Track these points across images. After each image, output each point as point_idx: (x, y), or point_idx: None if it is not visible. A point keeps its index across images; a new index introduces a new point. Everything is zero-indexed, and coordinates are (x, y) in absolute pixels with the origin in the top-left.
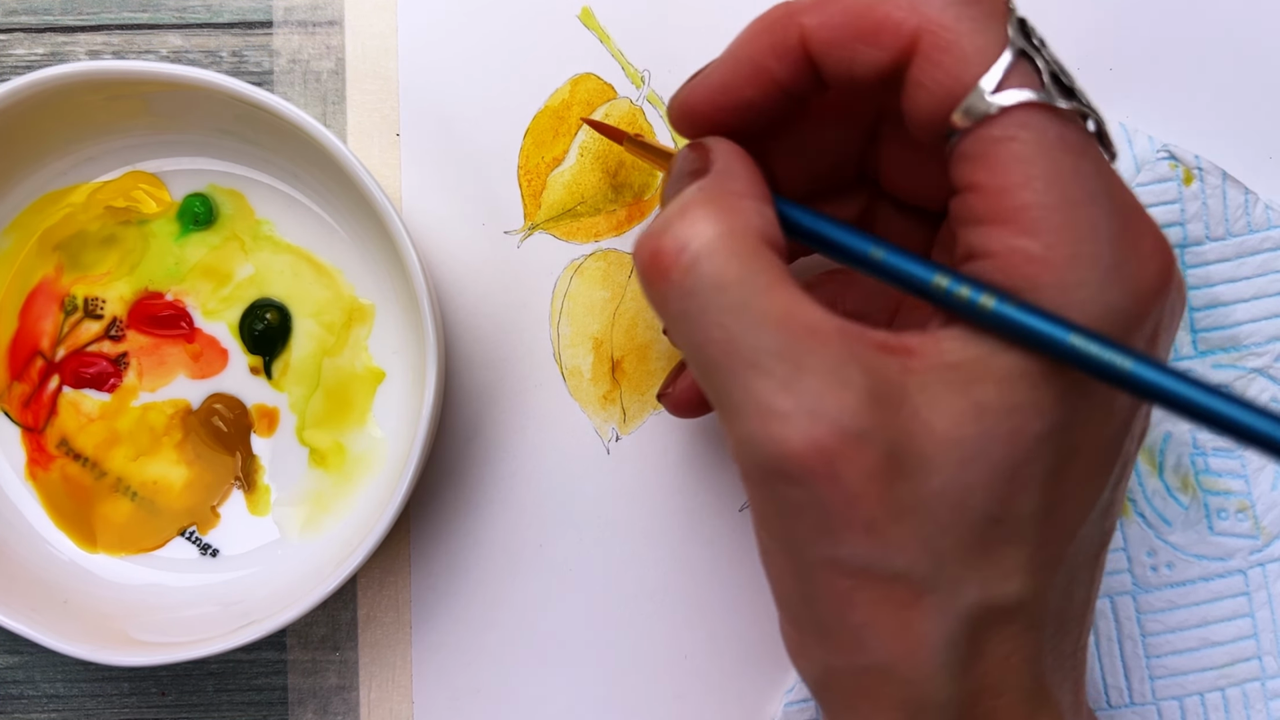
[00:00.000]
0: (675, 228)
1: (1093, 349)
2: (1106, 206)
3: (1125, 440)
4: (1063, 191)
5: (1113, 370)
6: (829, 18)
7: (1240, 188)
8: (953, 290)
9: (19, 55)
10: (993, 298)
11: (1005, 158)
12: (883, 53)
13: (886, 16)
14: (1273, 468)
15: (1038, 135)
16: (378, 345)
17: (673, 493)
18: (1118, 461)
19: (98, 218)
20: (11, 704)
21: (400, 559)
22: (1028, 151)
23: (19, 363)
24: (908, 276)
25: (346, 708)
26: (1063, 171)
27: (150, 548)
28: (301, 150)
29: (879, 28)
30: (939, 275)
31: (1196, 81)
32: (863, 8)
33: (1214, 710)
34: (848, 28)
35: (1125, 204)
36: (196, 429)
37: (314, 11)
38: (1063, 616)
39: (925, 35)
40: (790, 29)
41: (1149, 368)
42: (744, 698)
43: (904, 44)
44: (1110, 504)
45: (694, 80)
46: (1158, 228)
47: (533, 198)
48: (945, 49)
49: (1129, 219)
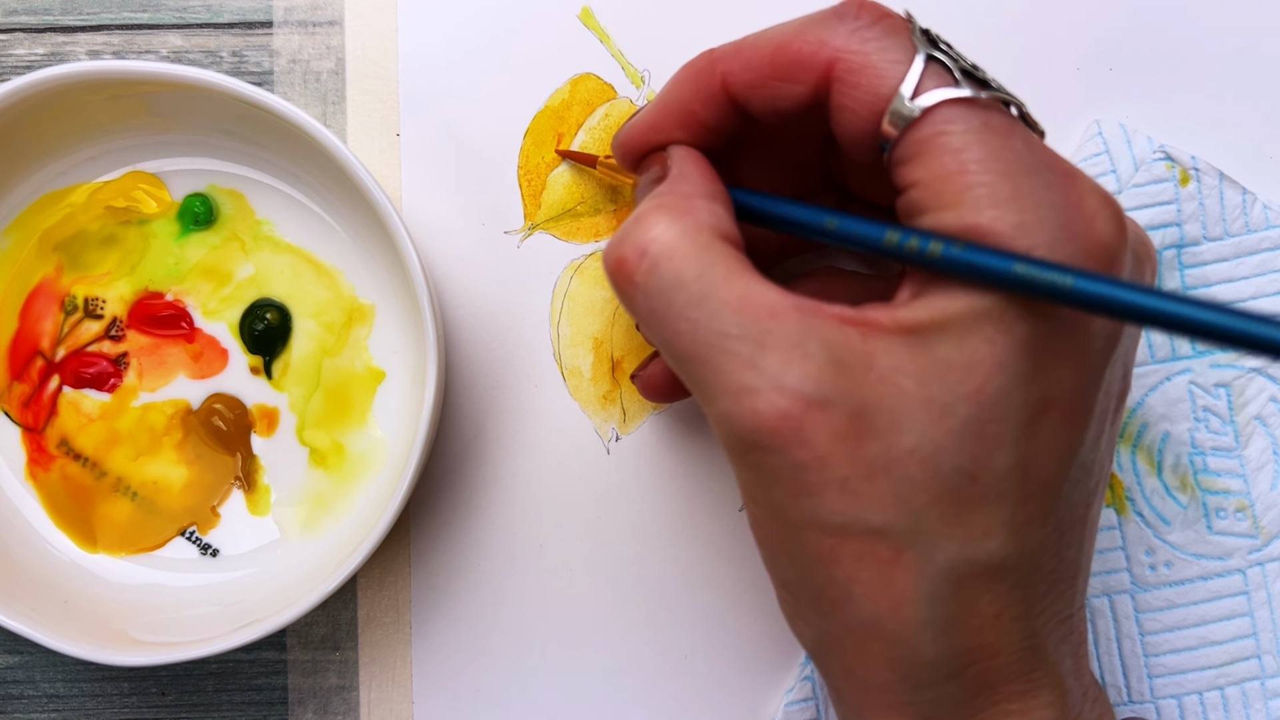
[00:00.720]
0: (634, 235)
1: (1035, 272)
2: (1045, 176)
3: (1098, 394)
4: (997, 169)
5: (1056, 289)
6: (746, 62)
7: (1238, 188)
8: (904, 243)
9: (19, 55)
10: (940, 243)
11: (938, 150)
12: (801, 86)
13: (799, 53)
14: (1272, 467)
15: (964, 125)
16: (378, 345)
17: (673, 493)
18: (1093, 415)
19: (98, 218)
20: (11, 704)
21: (400, 559)
22: (957, 141)
23: (19, 363)
24: (862, 237)
25: (346, 708)
26: (994, 151)
27: (150, 548)
28: (301, 150)
29: (794, 64)
30: (890, 232)
31: (1196, 81)
32: (775, 48)
33: (1213, 709)
34: (765, 69)
35: (1062, 171)
36: (196, 429)
37: (314, 11)
38: (1054, 577)
39: (838, 62)
40: (712, 76)
41: (1089, 280)
42: (744, 698)
43: (819, 75)
44: (1092, 461)
45: (629, 122)
46: (1100, 187)
47: (533, 198)
48: (859, 70)
49: (1069, 183)
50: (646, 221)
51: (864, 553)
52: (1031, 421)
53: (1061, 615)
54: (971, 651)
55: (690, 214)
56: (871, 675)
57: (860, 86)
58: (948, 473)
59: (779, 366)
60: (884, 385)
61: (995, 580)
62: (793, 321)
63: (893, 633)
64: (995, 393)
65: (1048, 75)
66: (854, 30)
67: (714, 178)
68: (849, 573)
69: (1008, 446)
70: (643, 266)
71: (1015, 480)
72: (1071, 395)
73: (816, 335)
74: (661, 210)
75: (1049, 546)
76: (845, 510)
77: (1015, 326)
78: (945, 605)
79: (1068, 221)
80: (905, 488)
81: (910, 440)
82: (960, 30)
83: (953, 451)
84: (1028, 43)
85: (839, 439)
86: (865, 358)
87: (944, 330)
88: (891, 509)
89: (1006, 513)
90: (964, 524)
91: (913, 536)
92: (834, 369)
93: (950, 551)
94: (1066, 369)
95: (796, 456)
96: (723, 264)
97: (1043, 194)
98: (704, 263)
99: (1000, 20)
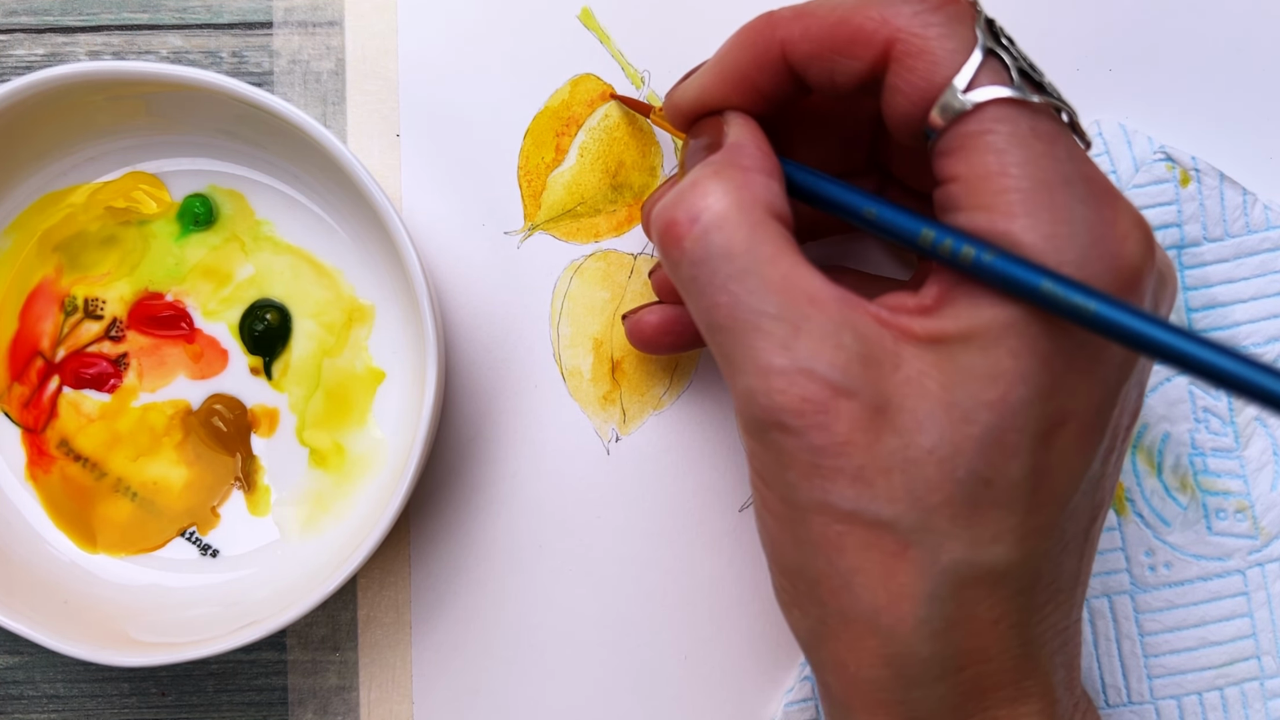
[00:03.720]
0: (688, 199)
1: (1060, 291)
2: (1081, 190)
3: (1113, 411)
4: (1037, 177)
5: (1078, 311)
6: (806, 30)
7: (1238, 188)
8: (939, 242)
9: (19, 56)
10: (973, 248)
11: (981, 149)
12: (859, 62)
13: (860, 28)
14: (1272, 468)
15: (1011, 127)
16: (378, 345)
17: (673, 493)
18: (1107, 431)
19: (98, 218)
20: (11, 704)
21: (400, 559)
22: (1002, 143)
23: (19, 363)
24: (899, 230)
25: (346, 708)
26: (1036, 159)
27: (150, 548)
28: (301, 150)
29: (853, 39)
30: (926, 229)
31: (1196, 82)
32: (837, 20)
33: (1212, 710)
34: (824, 40)
35: (1100, 187)
36: (196, 429)
37: (314, 12)
38: (1054, 587)
39: (897, 43)
40: (771, 41)
41: (1111, 307)
42: (744, 698)
43: (878, 53)
44: (1102, 476)
45: (684, 83)
46: (1135, 209)
47: (533, 198)
48: (917, 54)
49: (1104, 200)
50: (702, 188)
51: (869, 543)
52: (1048, 433)
53: (1058, 627)
54: (966, 654)
55: (747, 187)
56: (863, 670)
57: (916, 71)
58: (963, 476)
59: (811, 351)
60: (910, 385)
61: (997, 586)
62: (832, 311)
63: (889, 627)
64: (1016, 403)
65: (1047, 75)
66: (917, 12)
67: (770, 152)
68: (852, 562)
69: (1024, 456)
70: (693, 232)
71: (1027, 489)
72: (1088, 410)
73: (852, 328)
74: (718, 179)
75: (1051, 557)
76: (857, 498)
77: (1039, 341)
78: (944, 605)
79: (1098, 239)
80: (920, 485)
81: (930, 440)
82: None
83: (970, 456)
84: (1027, 43)
85: (859, 429)
86: (895, 357)
87: (969, 340)
88: (903, 503)
89: (1015, 520)
90: (972, 527)
91: (920, 534)
92: (863, 363)
93: (956, 553)
94: (1085, 385)
95: (815, 440)
96: (772, 242)
97: (1077, 208)
98: (755, 238)
99: (1000, 21)
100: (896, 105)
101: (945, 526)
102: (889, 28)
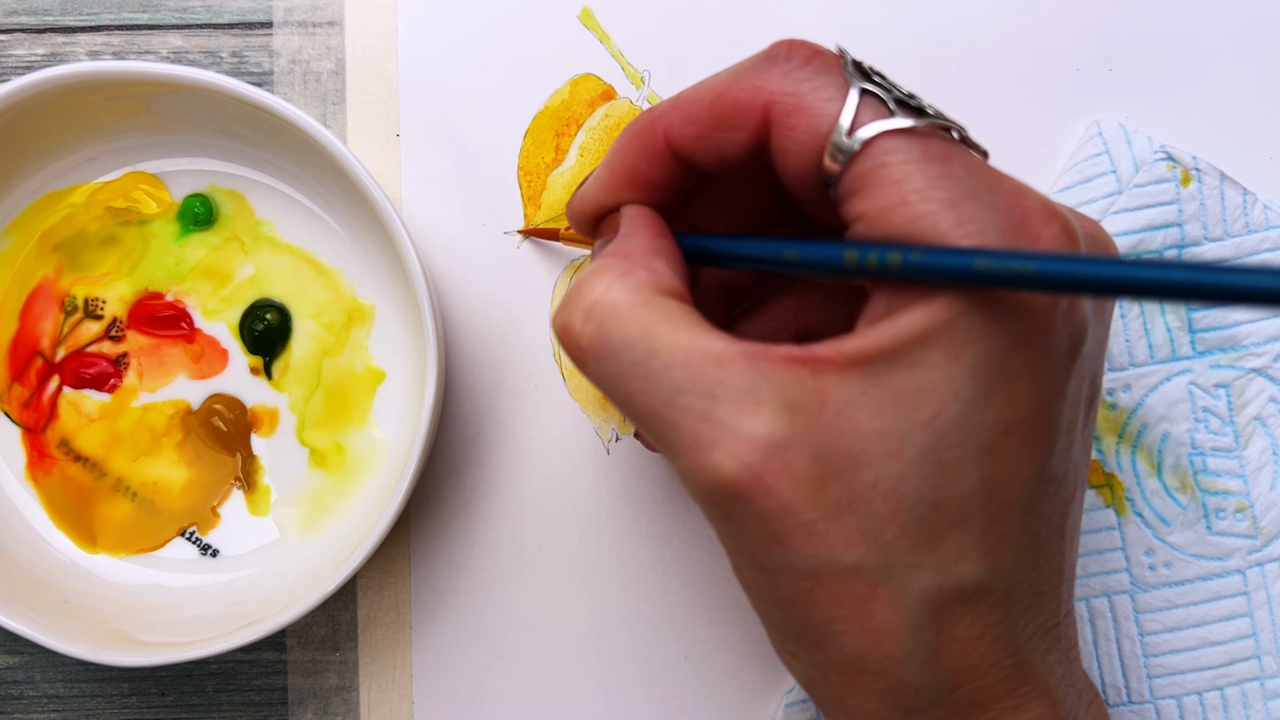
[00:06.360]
0: (577, 299)
1: (996, 263)
2: (987, 199)
3: (1061, 409)
4: (940, 196)
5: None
6: (685, 116)
7: (1239, 188)
8: (864, 257)
9: (19, 56)
10: (899, 252)
11: (880, 183)
12: (741, 133)
13: (735, 100)
14: (1271, 467)
15: (903, 156)
16: (378, 345)
17: (673, 493)
18: (1057, 430)
19: (98, 218)
20: (11, 704)
21: (400, 559)
22: (898, 173)
23: (19, 363)
24: (824, 260)
25: (346, 708)
26: (935, 180)
27: (150, 548)
28: (301, 150)
29: (732, 113)
30: (849, 250)
31: (1196, 81)
32: (713, 99)
33: (1212, 710)
34: (704, 121)
35: (1006, 190)
36: (196, 429)
37: (314, 12)
38: (1034, 590)
39: (774, 106)
40: (655, 134)
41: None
42: (744, 698)
43: (758, 120)
44: (1064, 474)
45: (579, 190)
46: (1048, 202)
47: (532, 198)
48: (795, 112)
49: (1012, 202)
50: (588, 285)
51: (839, 592)
52: (992, 445)
53: (1046, 626)
54: (957, 675)
55: (630, 273)
56: (861, 706)
57: (799, 128)
58: (911, 503)
59: (732, 417)
60: (839, 421)
61: (973, 603)
62: (741, 369)
63: (878, 666)
64: (951, 419)
65: (1048, 75)
66: (786, 72)
67: (660, 232)
68: (827, 613)
69: (969, 471)
70: (588, 330)
71: (980, 503)
72: (1031, 414)
73: (766, 380)
74: (602, 272)
75: (1025, 562)
76: (815, 553)
77: (965, 351)
78: (926, 634)
79: (1013, 241)
80: (871, 523)
81: (871, 475)
82: (960, 32)
83: (914, 481)
84: (1028, 43)
85: (801, 483)
86: (818, 395)
87: (893, 360)
88: (860, 547)
89: (975, 535)
90: (934, 552)
91: (885, 571)
92: (787, 412)
93: (924, 581)
94: (1023, 388)
95: (761, 506)
96: (666, 319)
97: (986, 216)
98: (648, 320)
99: (1000, 21)
100: (789, 165)
101: (908, 557)
102: (763, 94)
